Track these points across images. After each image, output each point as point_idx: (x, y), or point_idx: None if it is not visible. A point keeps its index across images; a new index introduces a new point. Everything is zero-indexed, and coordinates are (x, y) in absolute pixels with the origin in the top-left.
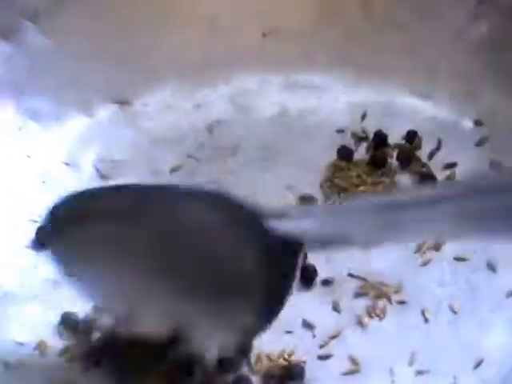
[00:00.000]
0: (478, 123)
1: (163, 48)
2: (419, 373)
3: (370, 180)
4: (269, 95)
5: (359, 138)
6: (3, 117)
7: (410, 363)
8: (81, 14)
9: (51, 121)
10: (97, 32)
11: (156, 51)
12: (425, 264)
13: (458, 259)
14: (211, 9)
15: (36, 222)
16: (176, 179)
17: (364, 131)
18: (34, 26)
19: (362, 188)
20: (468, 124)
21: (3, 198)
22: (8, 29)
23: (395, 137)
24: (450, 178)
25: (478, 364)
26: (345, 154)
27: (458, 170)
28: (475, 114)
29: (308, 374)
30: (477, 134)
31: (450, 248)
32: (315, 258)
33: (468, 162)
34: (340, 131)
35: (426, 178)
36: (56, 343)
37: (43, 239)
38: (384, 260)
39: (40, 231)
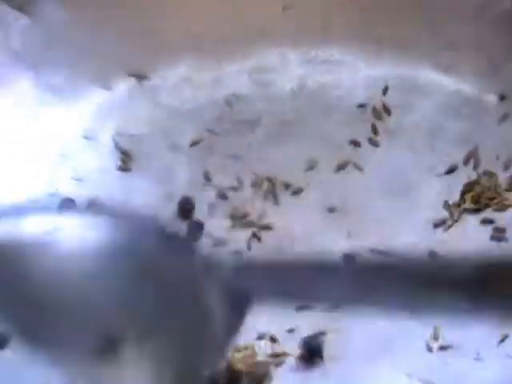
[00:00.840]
0: (502, 98)
1: (182, 21)
2: (442, 348)
3: None
4: (288, 70)
5: (380, 114)
6: (21, 90)
7: (435, 338)
8: None
9: (69, 94)
10: (114, 5)
11: (175, 24)
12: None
13: (484, 221)
14: None
15: (55, 195)
16: (195, 153)
17: (385, 106)
18: None
19: None
20: (492, 99)
21: (22, 171)
22: (25, 1)
23: (417, 112)
24: (471, 154)
25: (503, 339)
26: None
27: (481, 145)
28: (499, 89)
29: (328, 350)
30: (501, 109)
31: (472, 220)
32: (337, 234)
33: (491, 138)
34: (360, 106)
35: None
36: None
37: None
38: (407, 235)
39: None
